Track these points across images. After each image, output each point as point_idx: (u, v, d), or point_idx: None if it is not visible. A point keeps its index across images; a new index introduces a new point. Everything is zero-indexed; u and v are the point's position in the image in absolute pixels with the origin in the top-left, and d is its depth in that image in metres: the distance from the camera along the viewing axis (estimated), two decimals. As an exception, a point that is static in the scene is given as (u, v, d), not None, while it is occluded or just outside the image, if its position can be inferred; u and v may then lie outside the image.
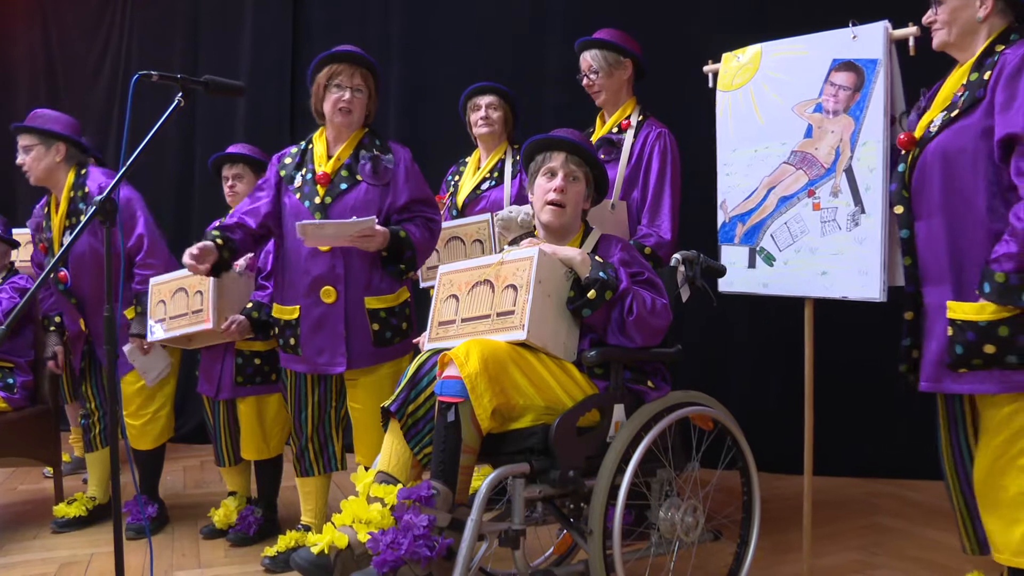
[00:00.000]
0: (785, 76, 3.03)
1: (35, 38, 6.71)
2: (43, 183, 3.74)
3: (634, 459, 2.36)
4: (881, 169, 2.76)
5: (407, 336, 3.19)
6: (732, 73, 3.19)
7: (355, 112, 3.15)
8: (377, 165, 3.14)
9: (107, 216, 2.27)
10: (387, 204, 3.12)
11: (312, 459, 3.31)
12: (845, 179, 2.85)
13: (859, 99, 2.83)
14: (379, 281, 3.14)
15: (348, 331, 3.11)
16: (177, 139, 5.92)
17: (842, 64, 2.88)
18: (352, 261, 3.10)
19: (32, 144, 3.65)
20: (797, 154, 2.99)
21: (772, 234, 3.05)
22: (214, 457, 3.77)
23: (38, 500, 4.40)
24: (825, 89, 2.92)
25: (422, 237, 3.12)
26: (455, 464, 2.23)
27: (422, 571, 2.10)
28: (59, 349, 3.97)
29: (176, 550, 3.52)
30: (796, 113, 3.00)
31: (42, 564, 3.39)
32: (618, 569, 2.32)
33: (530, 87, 4.71)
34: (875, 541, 3.38)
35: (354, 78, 3.13)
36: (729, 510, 2.96)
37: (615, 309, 2.47)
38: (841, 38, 2.89)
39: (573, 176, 2.68)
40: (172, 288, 3.47)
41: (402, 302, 3.19)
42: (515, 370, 2.30)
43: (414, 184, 3.16)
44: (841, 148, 2.86)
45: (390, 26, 5.45)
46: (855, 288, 2.82)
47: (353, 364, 3.13)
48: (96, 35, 6.47)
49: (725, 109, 3.21)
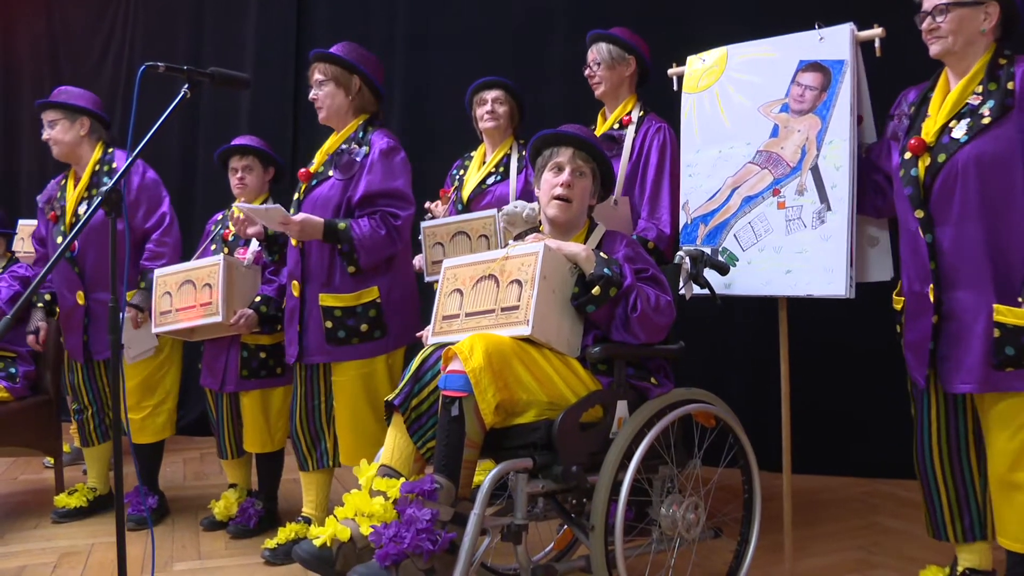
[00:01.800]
0: (751, 77, 3.07)
1: (39, 29, 6.73)
2: (67, 158, 3.79)
3: (637, 455, 2.36)
4: (848, 167, 2.81)
5: (372, 339, 3.19)
6: (697, 75, 3.23)
7: (324, 106, 3.25)
8: (341, 159, 3.19)
9: (113, 206, 2.28)
10: (347, 197, 3.16)
11: (305, 453, 3.33)
12: (811, 177, 2.88)
13: (826, 99, 2.88)
14: (339, 279, 3.16)
15: (304, 325, 3.21)
16: (180, 130, 5.92)
17: (809, 65, 2.94)
18: (311, 257, 3.19)
19: (57, 119, 3.72)
20: (762, 154, 3.02)
21: (735, 234, 3.06)
22: (216, 449, 3.78)
23: (38, 490, 4.42)
24: (792, 89, 2.97)
25: (371, 232, 3.08)
26: (458, 458, 2.23)
27: (424, 565, 2.10)
28: (43, 325, 3.90)
29: (176, 541, 3.52)
30: (762, 113, 3.03)
31: (43, 554, 3.40)
32: (619, 565, 2.32)
33: (533, 83, 4.70)
34: (874, 540, 3.39)
35: (314, 74, 3.25)
36: (729, 508, 2.96)
37: (619, 305, 2.46)
38: (808, 40, 2.95)
39: (580, 171, 2.67)
40: (179, 280, 3.47)
41: (365, 303, 3.18)
42: (519, 365, 2.30)
43: (376, 177, 3.15)
44: (807, 147, 2.90)
45: (394, 20, 5.45)
46: (820, 285, 2.84)
47: (305, 357, 3.22)
48: (100, 26, 6.49)
49: (690, 111, 3.24)
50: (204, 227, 4.00)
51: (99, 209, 2.19)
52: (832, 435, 4.33)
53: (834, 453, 4.35)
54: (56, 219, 3.76)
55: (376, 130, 3.27)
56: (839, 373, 4.30)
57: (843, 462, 4.36)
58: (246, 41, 5.84)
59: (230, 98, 5.74)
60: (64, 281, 3.76)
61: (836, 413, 4.32)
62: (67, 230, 3.66)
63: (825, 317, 3.77)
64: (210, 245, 3.79)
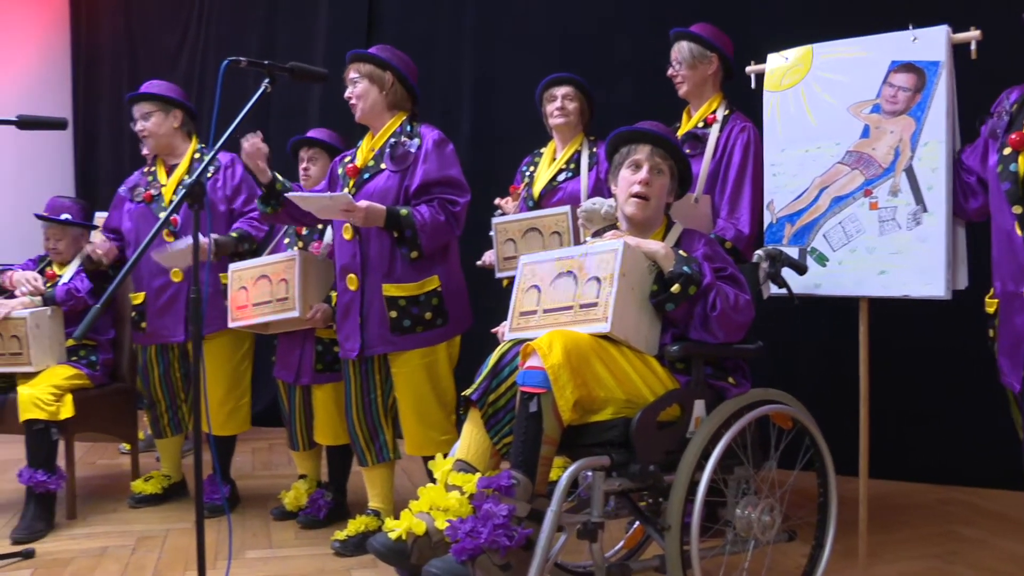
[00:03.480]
0: (839, 77, 3.04)
1: (118, 25, 6.89)
2: (160, 150, 3.90)
3: (714, 455, 2.33)
4: (944, 169, 2.78)
5: (435, 327, 3.21)
6: (780, 73, 3.19)
7: (359, 104, 3.27)
8: (395, 151, 3.20)
9: (196, 199, 2.32)
10: (404, 187, 3.18)
11: (364, 447, 3.35)
12: (905, 178, 2.87)
13: (920, 100, 2.86)
14: (400, 269, 3.17)
15: (364, 317, 3.20)
16: (253, 123, 6.00)
17: (902, 66, 2.91)
18: (370, 248, 3.19)
19: (152, 111, 3.82)
20: (852, 154, 3.00)
21: (825, 234, 3.04)
22: (287, 441, 3.82)
23: (115, 475, 4.54)
24: (884, 90, 2.94)
25: (431, 218, 3.11)
26: (535, 455, 2.22)
27: (500, 560, 2.10)
28: (111, 247, 3.91)
29: (247, 530, 3.59)
30: (852, 113, 3.00)
31: (121, 536, 3.50)
32: (695, 566, 2.30)
33: (604, 79, 4.67)
34: (951, 549, 3.30)
35: (349, 74, 3.29)
36: (803, 512, 2.92)
37: (698, 304, 2.44)
38: (900, 40, 2.92)
39: (658, 169, 2.65)
40: (255, 274, 3.51)
41: (428, 291, 3.19)
42: (597, 362, 2.28)
43: (432, 166, 3.17)
44: (901, 148, 2.88)
45: (463, 15, 5.45)
46: (917, 286, 2.82)
47: (367, 350, 3.21)
48: (176, 23, 6.64)
49: (772, 109, 3.20)
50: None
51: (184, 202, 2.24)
52: (906, 439, 4.23)
53: (907, 458, 4.24)
54: (151, 199, 3.84)
55: (422, 124, 3.30)
56: (914, 376, 4.20)
57: (916, 467, 4.26)
58: (317, 36, 5.90)
59: (301, 93, 5.81)
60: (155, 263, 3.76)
61: (910, 417, 4.22)
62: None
63: (902, 319, 3.68)
64: (283, 239, 3.83)
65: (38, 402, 3.55)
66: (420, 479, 3.86)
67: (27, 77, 6.81)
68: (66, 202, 4.11)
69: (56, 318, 3.83)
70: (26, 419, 3.55)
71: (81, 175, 7.11)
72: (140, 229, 3.85)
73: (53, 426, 3.59)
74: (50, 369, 3.74)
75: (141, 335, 3.88)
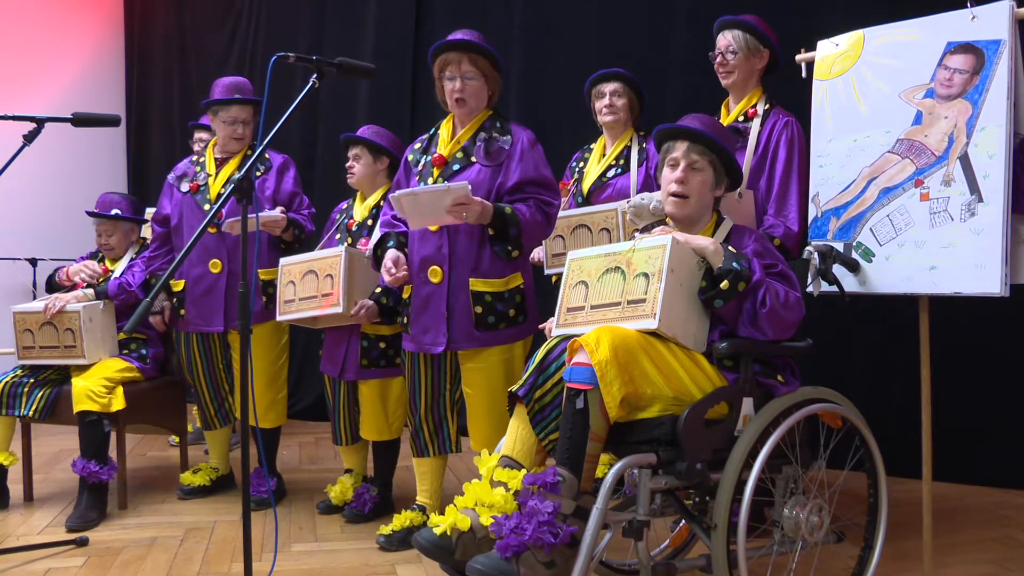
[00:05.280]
0: (891, 61, 2.90)
1: (170, 24, 6.99)
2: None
3: (762, 454, 2.30)
4: (1003, 155, 2.61)
5: (517, 324, 3.15)
6: (830, 61, 3.08)
7: (469, 100, 3.15)
8: (490, 146, 3.13)
9: (244, 193, 2.33)
10: (497, 184, 3.10)
11: (427, 439, 3.32)
12: (959, 167, 2.71)
13: (978, 82, 2.70)
14: (487, 264, 3.10)
15: (450, 311, 3.11)
16: (301, 121, 6.05)
17: (959, 46, 2.75)
18: (458, 241, 3.10)
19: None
20: (904, 142, 2.86)
21: (872, 228, 2.91)
22: (332, 435, 3.84)
23: (164, 466, 4.61)
24: (938, 73, 2.79)
25: (532, 217, 3.04)
26: (582, 452, 2.20)
27: (545, 557, 2.09)
28: (166, 305, 3.98)
29: (293, 523, 3.62)
30: (904, 99, 2.87)
31: (171, 527, 3.56)
32: (741, 566, 2.27)
33: (654, 72, 4.62)
34: (1007, 556, 3.21)
35: (463, 65, 3.12)
36: (852, 513, 2.87)
37: (747, 301, 2.40)
38: (957, 20, 2.76)
39: (695, 166, 2.60)
40: (303, 269, 3.54)
41: (512, 288, 3.13)
42: (645, 359, 2.26)
43: (529, 165, 3.10)
44: (955, 134, 2.73)
45: (513, 9, 5.43)
46: (970, 283, 2.66)
47: (453, 345, 3.13)
48: (225, 21, 6.72)
49: (822, 98, 3.09)
50: (325, 211, 4.08)
51: (231, 196, 2.26)
52: (960, 441, 4.14)
53: (962, 460, 4.15)
54: (197, 189, 3.88)
55: (510, 122, 3.24)
56: (968, 376, 4.11)
57: (971, 470, 4.17)
58: (366, 31, 5.93)
59: (349, 89, 5.84)
60: (203, 250, 3.80)
61: (965, 418, 4.13)
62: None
63: (958, 317, 3.60)
64: (335, 234, 3.85)
65: (91, 394, 3.62)
66: (465, 476, 3.87)
67: (82, 76, 6.94)
68: (116, 197, 4.19)
69: (108, 312, 3.90)
70: (79, 411, 3.62)
71: (133, 171, 7.23)
72: (184, 217, 3.90)
73: (105, 418, 3.67)
74: (102, 362, 3.82)
75: (181, 321, 3.94)
